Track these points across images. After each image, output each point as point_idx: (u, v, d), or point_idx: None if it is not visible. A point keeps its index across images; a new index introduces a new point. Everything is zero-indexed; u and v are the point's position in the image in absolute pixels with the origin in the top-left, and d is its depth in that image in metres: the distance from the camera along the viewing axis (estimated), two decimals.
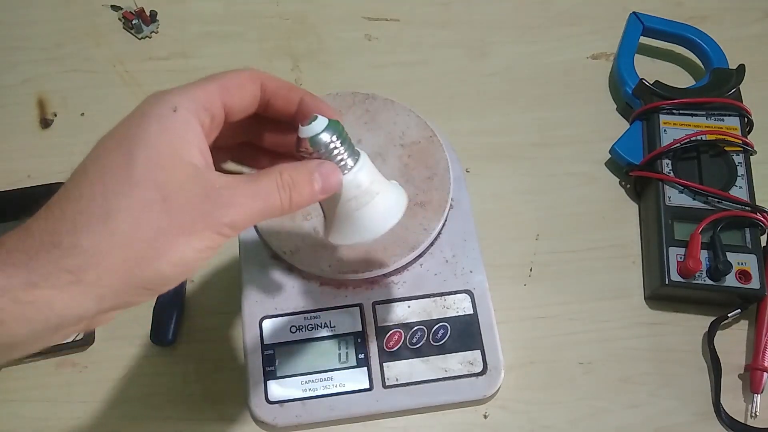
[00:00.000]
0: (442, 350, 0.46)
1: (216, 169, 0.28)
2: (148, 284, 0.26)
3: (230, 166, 0.34)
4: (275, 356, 0.45)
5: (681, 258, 0.48)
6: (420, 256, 0.48)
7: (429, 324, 0.46)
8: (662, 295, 0.49)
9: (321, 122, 0.30)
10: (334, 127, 0.30)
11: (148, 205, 0.25)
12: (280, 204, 0.28)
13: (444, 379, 0.45)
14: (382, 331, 0.46)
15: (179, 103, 0.27)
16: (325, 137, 0.30)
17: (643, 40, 0.59)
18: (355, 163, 0.31)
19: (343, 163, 0.31)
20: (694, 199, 0.50)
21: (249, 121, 0.31)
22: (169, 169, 0.25)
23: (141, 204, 0.25)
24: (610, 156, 0.55)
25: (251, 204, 0.27)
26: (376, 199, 0.32)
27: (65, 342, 0.48)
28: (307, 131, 0.30)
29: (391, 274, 0.47)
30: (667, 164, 0.51)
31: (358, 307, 0.47)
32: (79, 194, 0.25)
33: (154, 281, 0.26)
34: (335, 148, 0.30)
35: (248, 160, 0.35)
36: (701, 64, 0.59)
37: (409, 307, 0.47)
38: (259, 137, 0.34)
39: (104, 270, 0.24)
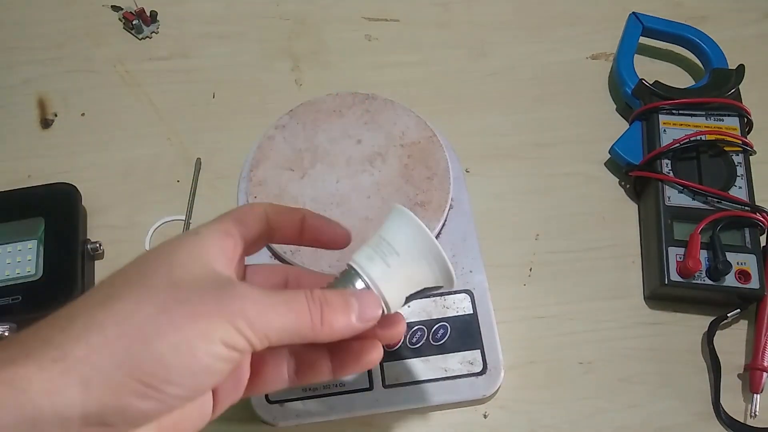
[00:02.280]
0: (442, 350, 0.46)
1: None
2: (146, 375, 0.21)
3: None
4: None
5: (680, 258, 0.48)
6: None
7: (429, 324, 0.46)
8: (662, 295, 0.50)
9: (359, 284, 0.29)
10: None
11: (154, 288, 0.23)
12: (310, 319, 0.25)
13: (444, 378, 0.45)
14: None
15: (202, 232, 0.27)
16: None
17: (643, 40, 0.59)
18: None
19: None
20: (693, 199, 0.50)
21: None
22: (186, 267, 0.24)
23: (147, 288, 0.23)
24: (609, 156, 0.55)
25: (271, 305, 0.25)
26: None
27: None
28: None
29: None
30: (667, 164, 0.51)
31: None
32: (87, 296, 0.24)
33: (154, 371, 0.21)
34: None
35: None
36: (701, 65, 0.59)
37: (408, 306, 0.47)
38: None
39: (94, 344, 0.21)
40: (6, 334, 0.46)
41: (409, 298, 0.30)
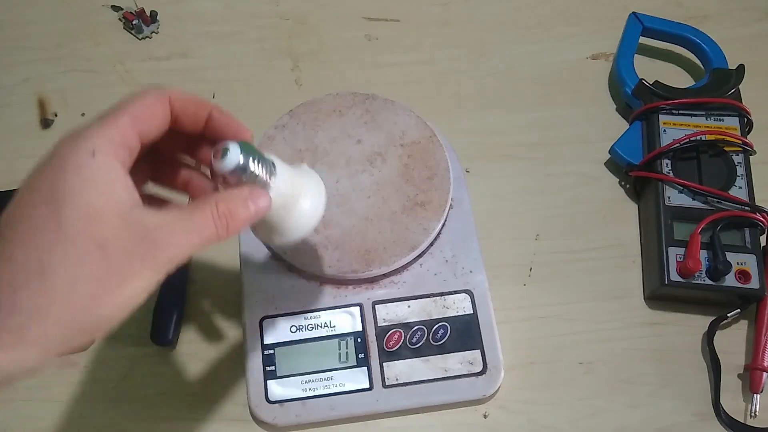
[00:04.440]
0: (442, 350, 0.46)
1: (139, 193, 0.28)
2: (95, 328, 0.26)
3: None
4: (275, 356, 0.45)
5: (680, 258, 0.48)
6: (420, 256, 0.48)
7: (429, 324, 0.46)
8: (662, 295, 0.50)
9: (234, 152, 0.30)
10: (247, 151, 0.30)
11: (85, 256, 0.25)
12: (217, 234, 0.29)
13: (444, 378, 0.45)
14: (382, 331, 0.46)
15: (97, 146, 0.27)
16: (243, 165, 0.30)
17: (643, 40, 0.59)
18: (272, 177, 0.32)
19: (264, 180, 0.31)
20: (693, 199, 0.50)
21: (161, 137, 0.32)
22: (99, 220, 0.26)
23: (77, 256, 0.25)
24: (609, 156, 0.55)
25: (188, 240, 0.28)
26: (300, 200, 0.34)
27: None
28: (223, 165, 0.30)
29: (391, 274, 0.47)
30: (667, 164, 0.51)
31: (358, 307, 0.47)
32: (10, 254, 0.25)
33: (101, 324, 0.26)
34: (253, 171, 0.31)
35: (166, 179, 0.35)
36: (701, 64, 0.59)
37: (409, 307, 0.47)
38: (172, 149, 0.34)
39: (47, 325, 0.25)
40: None
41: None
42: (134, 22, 0.61)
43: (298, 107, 0.52)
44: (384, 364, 0.45)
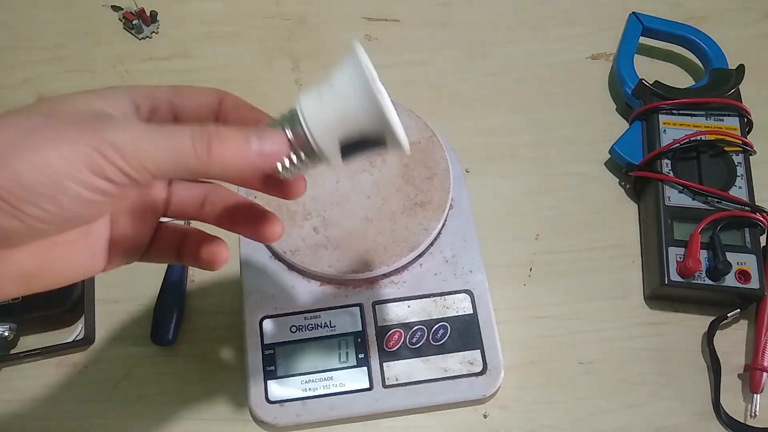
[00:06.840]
0: (442, 350, 0.46)
1: None
2: (2, 190, 0.21)
3: None
4: (275, 356, 0.45)
5: (681, 258, 0.48)
6: (420, 256, 0.48)
7: (429, 324, 0.46)
8: (662, 295, 0.50)
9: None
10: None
11: (29, 117, 0.23)
12: (193, 149, 0.24)
13: (444, 378, 0.45)
14: (382, 331, 0.46)
15: (123, 89, 0.27)
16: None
17: (643, 40, 0.59)
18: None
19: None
20: (693, 199, 0.50)
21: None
22: (73, 104, 0.24)
23: (23, 116, 0.23)
24: (609, 156, 0.55)
25: (148, 133, 0.23)
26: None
27: (65, 342, 0.48)
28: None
29: (391, 274, 0.47)
30: (667, 164, 0.51)
31: (358, 307, 0.47)
32: None
33: (10, 188, 0.21)
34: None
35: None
36: (701, 65, 0.59)
37: (409, 307, 0.47)
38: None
39: None
40: (6, 334, 0.46)
41: (349, 149, 0.27)
42: (134, 22, 0.61)
43: None
44: (384, 364, 0.45)
